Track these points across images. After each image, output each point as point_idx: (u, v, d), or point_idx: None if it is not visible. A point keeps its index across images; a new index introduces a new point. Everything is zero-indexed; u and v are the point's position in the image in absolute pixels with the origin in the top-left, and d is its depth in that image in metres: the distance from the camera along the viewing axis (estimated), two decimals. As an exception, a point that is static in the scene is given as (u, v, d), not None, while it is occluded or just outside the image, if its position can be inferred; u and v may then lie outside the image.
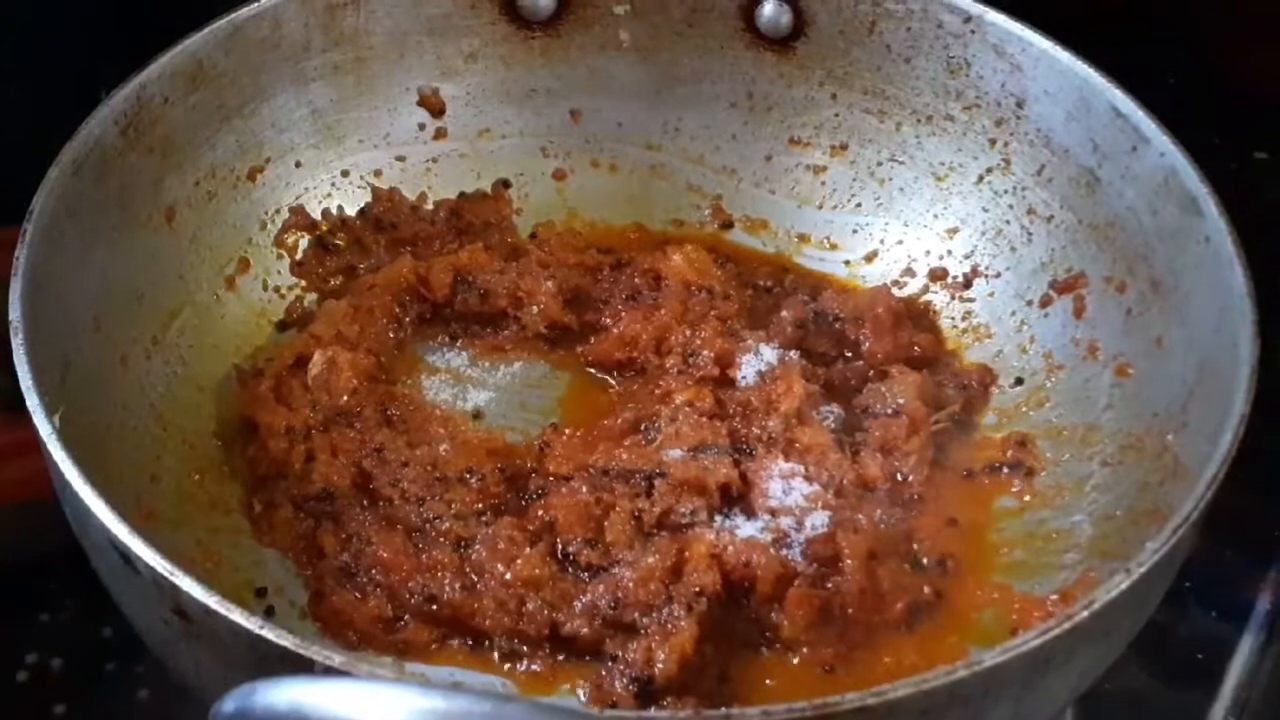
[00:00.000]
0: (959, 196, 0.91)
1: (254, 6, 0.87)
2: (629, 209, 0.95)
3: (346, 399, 0.82)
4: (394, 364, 0.86)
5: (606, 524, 0.77)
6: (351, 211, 0.92)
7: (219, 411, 0.83)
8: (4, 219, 0.78)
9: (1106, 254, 0.84)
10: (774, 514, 0.78)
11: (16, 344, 0.71)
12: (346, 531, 0.77)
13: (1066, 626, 0.63)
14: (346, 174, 0.93)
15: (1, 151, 0.93)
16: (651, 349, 0.86)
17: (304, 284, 0.90)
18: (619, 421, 0.83)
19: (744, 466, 0.80)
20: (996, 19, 0.87)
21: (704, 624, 0.73)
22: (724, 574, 0.75)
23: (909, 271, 0.91)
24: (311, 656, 0.60)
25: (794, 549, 0.76)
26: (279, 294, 0.89)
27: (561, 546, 0.77)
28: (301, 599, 0.76)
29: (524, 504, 0.79)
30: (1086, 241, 0.85)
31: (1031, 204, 0.88)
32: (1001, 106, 0.88)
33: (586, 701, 0.72)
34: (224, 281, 0.88)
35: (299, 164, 0.91)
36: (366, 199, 0.92)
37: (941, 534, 0.79)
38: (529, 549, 0.76)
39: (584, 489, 0.78)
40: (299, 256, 0.90)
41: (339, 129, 0.92)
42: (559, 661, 0.74)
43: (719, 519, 0.78)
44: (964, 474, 0.82)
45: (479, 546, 0.76)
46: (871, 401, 0.83)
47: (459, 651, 0.75)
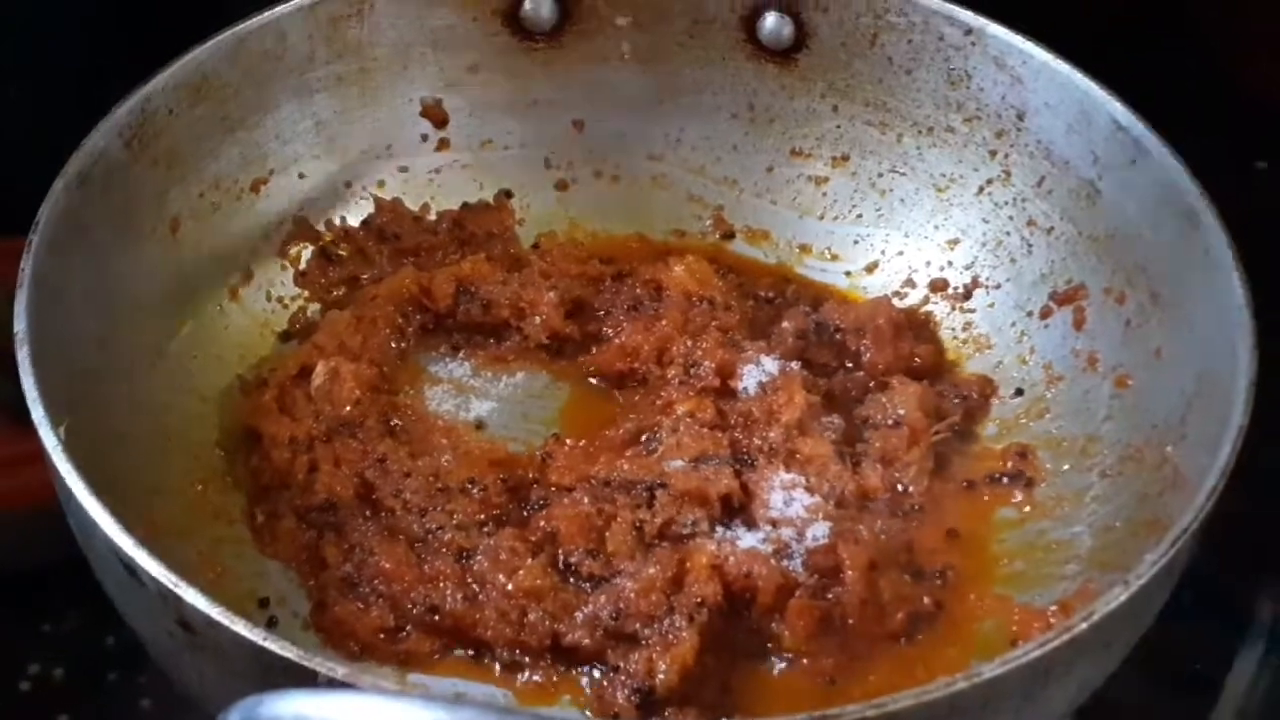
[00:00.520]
0: (959, 208, 0.91)
1: (258, 19, 0.87)
2: (631, 219, 0.96)
3: (349, 409, 0.83)
4: (396, 374, 0.87)
5: (608, 535, 0.77)
6: (355, 222, 0.92)
7: (222, 422, 0.84)
8: (7, 229, 0.78)
9: (1106, 266, 0.84)
10: (775, 525, 0.78)
11: (21, 356, 0.71)
12: (349, 542, 0.78)
13: (1066, 638, 0.63)
14: (350, 185, 0.93)
15: (3, 157, 0.93)
16: (653, 360, 0.86)
17: (307, 294, 0.90)
18: (620, 432, 0.83)
19: (745, 477, 0.80)
20: (997, 31, 0.88)
21: (705, 635, 0.73)
22: (725, 585, 0.75)
23: (910, 282, 0.92)
24: (315, 668, 0.60)
25: (795, 560, 0.77)
26: (282, 304, 0.90)
27: (563, 557, 0.77)
28: (304, 609, 0.77)
29: (526, 515, 0.80)
30: (1086, 253, 0.86)
31: (1032, 215, 0.88)
32: (1002, 118, 0.89)
33: (588, 713, 0.73)
34: (228, 292, 0.88)
35: (302, 175, 0.91)
36: (370, 210, 0.93)
37: (942, 545, 0.79)
38: (530, 560, 0.76)
39: (585, 500, 0.79)
40: (302, 267, 0.91)
41: (342, 140, 0.92)
42: (560, 672, 0.74)
43: (720, 530, 0.78)
44: (964, 485, 0.82)
45: (480, 557, 0.76)
46: (872, 412, 0.84)
47: (460, 662, 0.75)
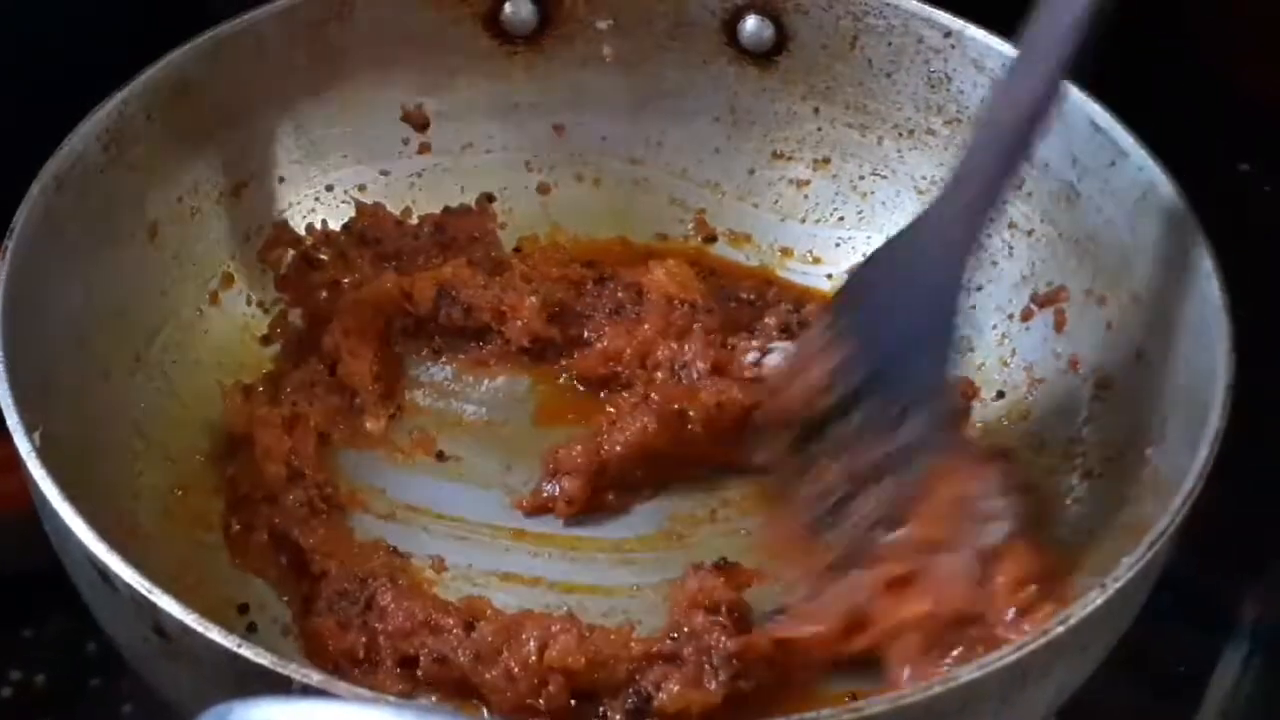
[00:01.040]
0: (940, 210, 0.91)
1: (237, 22, 0.87)
2: (612, 223, 0.95)
3: None
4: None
5: None
6: (335, 226, 0.92)
7: (202, 427, 0.84)
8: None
9: (1087, 268, 0.84)
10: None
11: (-5, 361, 0.71)
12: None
13: (1043, 641, 0.63)
14: (330, 189, 0.93)
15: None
16: (636, 364, 0.86)
17: (288, 299, 0.90)
18: None
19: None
20: (976, 34, 0.88)
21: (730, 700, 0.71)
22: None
23: (891, 285, 0.92)
24: (289, 675, 0.60)
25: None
26: (263, 309, 0.90)
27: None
28: (284, 616, 0.76)
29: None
30: (1067, 255, 0.86)
31: (1012, 218, 0.88)
32: (982, 121, 0.89)
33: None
34: (207, 297, 0.88)
35: (282, 179, 0.91)
36: (350, 214, 0.92)
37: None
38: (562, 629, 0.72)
39: None
40: (283, 271, 0.90)
41: (322, 144, 0.92)
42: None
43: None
44: (947, 488, 0.82)
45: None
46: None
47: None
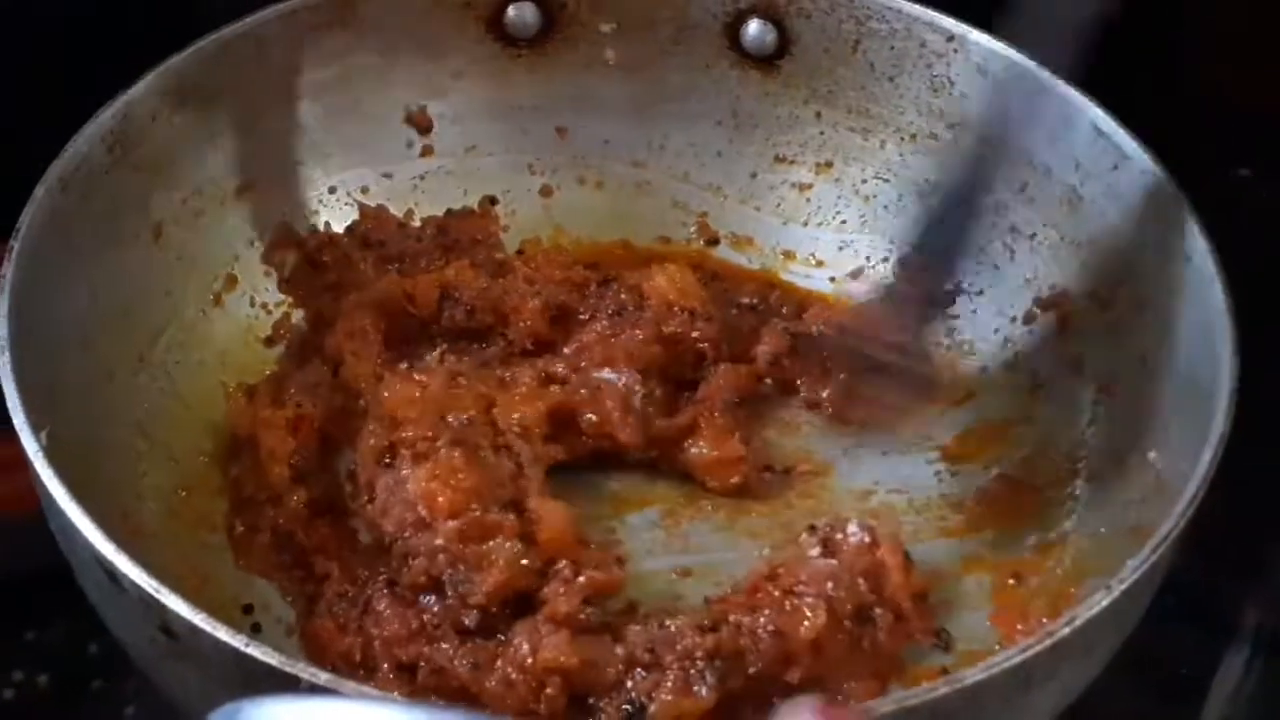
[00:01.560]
0: (943, 214, 0.91)
1: (241, 24, 0.87)
2: (615, 225, 0.96)
3: None
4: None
5: None
6: (339, 229, 0.92)
7: (205, 428, 0.84)
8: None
9: (1089, 271, 0.85)
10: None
11: (2, 362, 0.71)
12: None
13: (1048, 644, 0.64)
14: (333, 191, 0.93)
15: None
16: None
17: (291, 301, 0.90)
18: None
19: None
20: (979, 38, 0.88)
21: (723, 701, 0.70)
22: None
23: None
24: (297, 674, 0.60)
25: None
26: (266, 311, 0.90)
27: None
28: (289, 616, 0.77)
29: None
30: (1069, 259, 0.86)
31: (1014, 222, 0.88)
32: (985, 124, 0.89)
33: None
34: (211, 298, 0.88)
35: (286, 181, 0.91)
36: (354, 216, 0.92)
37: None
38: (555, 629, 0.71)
39: None
40: (286, 273, 0.90)
41: (326, 147, 0.92)
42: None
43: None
44: (952, 491, 0.83)
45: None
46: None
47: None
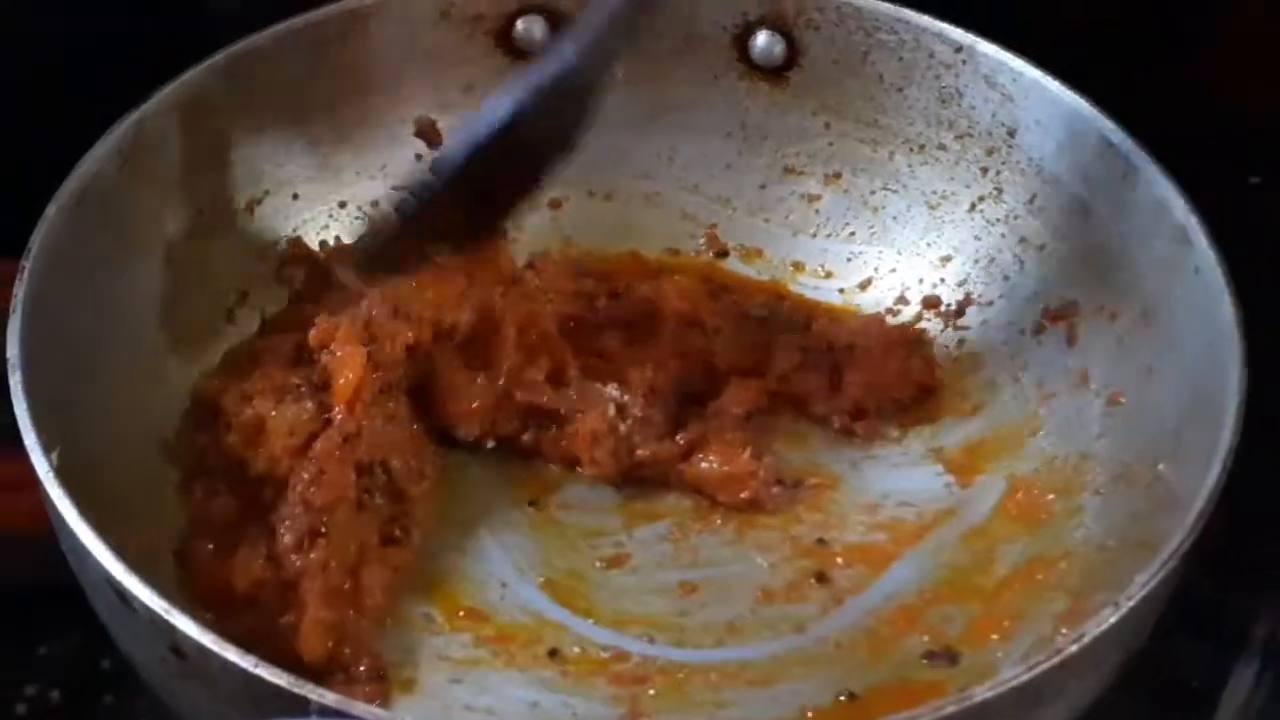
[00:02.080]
0: (952, 225, 0.91)
1: (251, 40, 0.88)
2: (624, 237, 0.96)
3: None
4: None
5: None
6: (349, 242, 0.92)
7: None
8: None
9: (1098, 283, 0.85)
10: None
11: (14, 381, 0.71)
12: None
13: (1056, 660, 0.64)
14: (344, 205, 0.93)
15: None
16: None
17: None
18: None
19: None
20: (988, 49, 0.88)
21: None
22: None
23: (902, 299, 0.92)
24: (306, 695, 0.60)
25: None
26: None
27: None
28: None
29: None
30: (1078, 270, 0.86)
31: (1023, 233, 0.88)
32: (993, 136, 0.89)
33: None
34: (223, 313, 0.88)
35: (296, 196, 0.92)
36: (364, 229, 0.92)
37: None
38: None
39: None
40: (298, 288, 0.91)
41: (336, 160, 0.92)
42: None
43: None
44: (958, 502, 0.83)
45: None
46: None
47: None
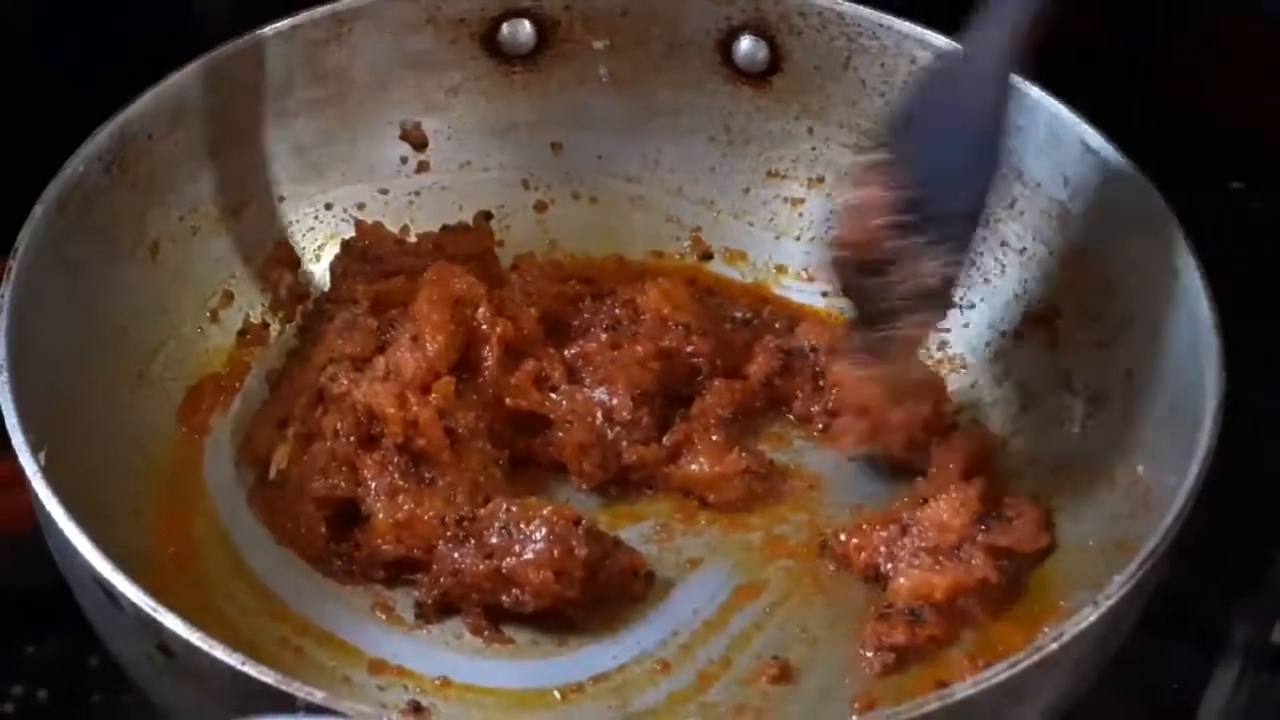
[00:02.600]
0: (934, 229, 0.92)
1: (236, 43, 0.88)
2: (609, 240, 0.96)
3: None
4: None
5: None
6: (335, 244, 0.93)
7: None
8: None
9: (1078, 286, 0.85)
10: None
11: (1, 381, 0.71)
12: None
13: (1036, 658, 0.64)
14: (330, 207, 0.94)
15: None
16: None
17: (284, 317, 0.91)
18: None
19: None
20: (968, 55, 0.89)
21: None
22: None
23: (885, 302, 0.92)
24: (293, 693, 0.61)
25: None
26: (263, 327, 0.90)
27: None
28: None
29: None
30: (1059, 273, 0.86)
31: (1004, 236, 0.89)
32: (974, 140, 0.90)
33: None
34: (208, 315, 0.88)
35: (282, 198, 0.92)
36: (350, 232, 0.93)
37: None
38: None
39: None
40: (282, 291, 0.91)
41: (321, 163, 0.93)
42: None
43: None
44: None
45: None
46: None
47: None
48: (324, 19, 0.90)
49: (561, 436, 0.84)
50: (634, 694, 0.76)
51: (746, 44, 0.93)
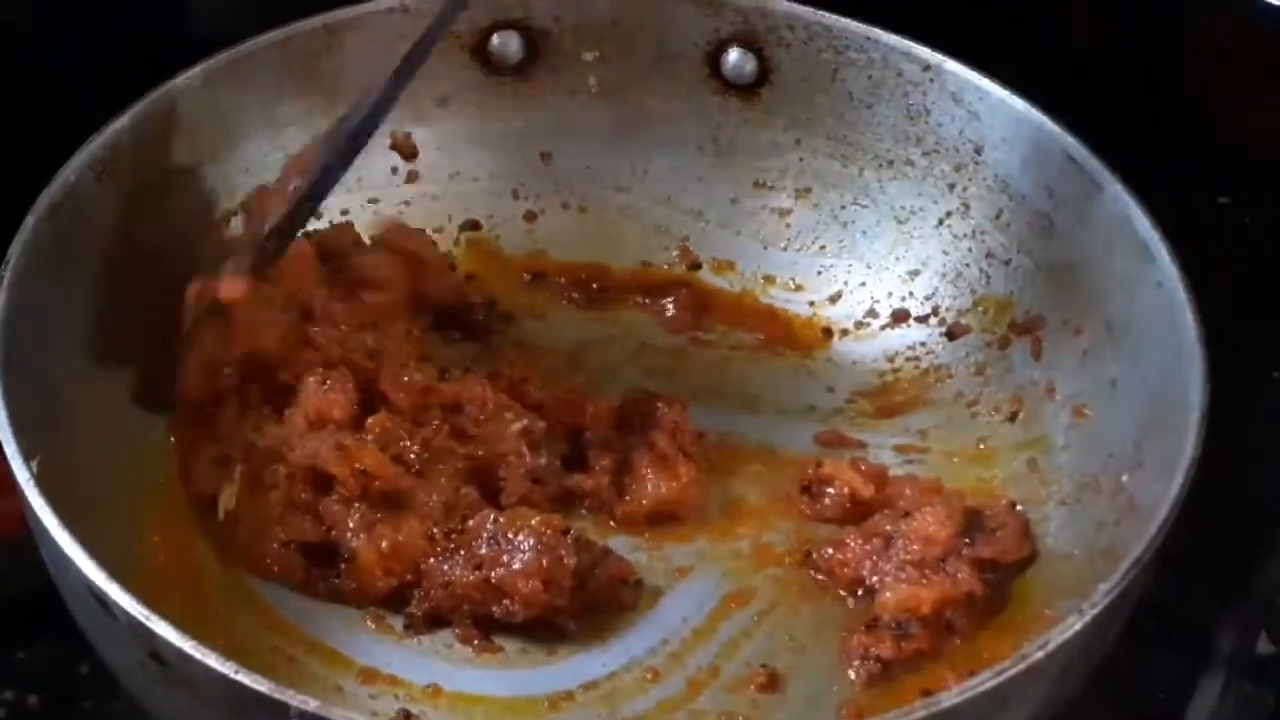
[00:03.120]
0: (920, 239, 0.93)
1: (228, 53, 0.88)
2: (598, 250, 0.97)
3: None
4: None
5: None
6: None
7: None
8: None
9: (1063, 297, 0.86)
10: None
11: (-7, 390, 0.72)
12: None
13: (1022, 666, 0.65)
14: (319, 217, 0.94)
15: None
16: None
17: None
18: None
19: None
20: (954, 68, 0.89)
21: None
22: None
23: (872, 313, 0.93)
24: (286, 701, 0.61)
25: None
26: (252, 335, 0.91)
27: None
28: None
29: None
30: (1044, 285, 0.87)
31: (990, 247, 0.90)
32: (960, 152, 0.90)
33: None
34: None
35: (272, 207, 0.92)
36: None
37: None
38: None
39: None
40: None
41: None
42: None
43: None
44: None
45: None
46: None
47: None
48: (316, 29, 0.91)
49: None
50: (623, 702, 0.76)
51: (735, 56, 0.94)
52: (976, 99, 0.89)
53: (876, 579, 0.78)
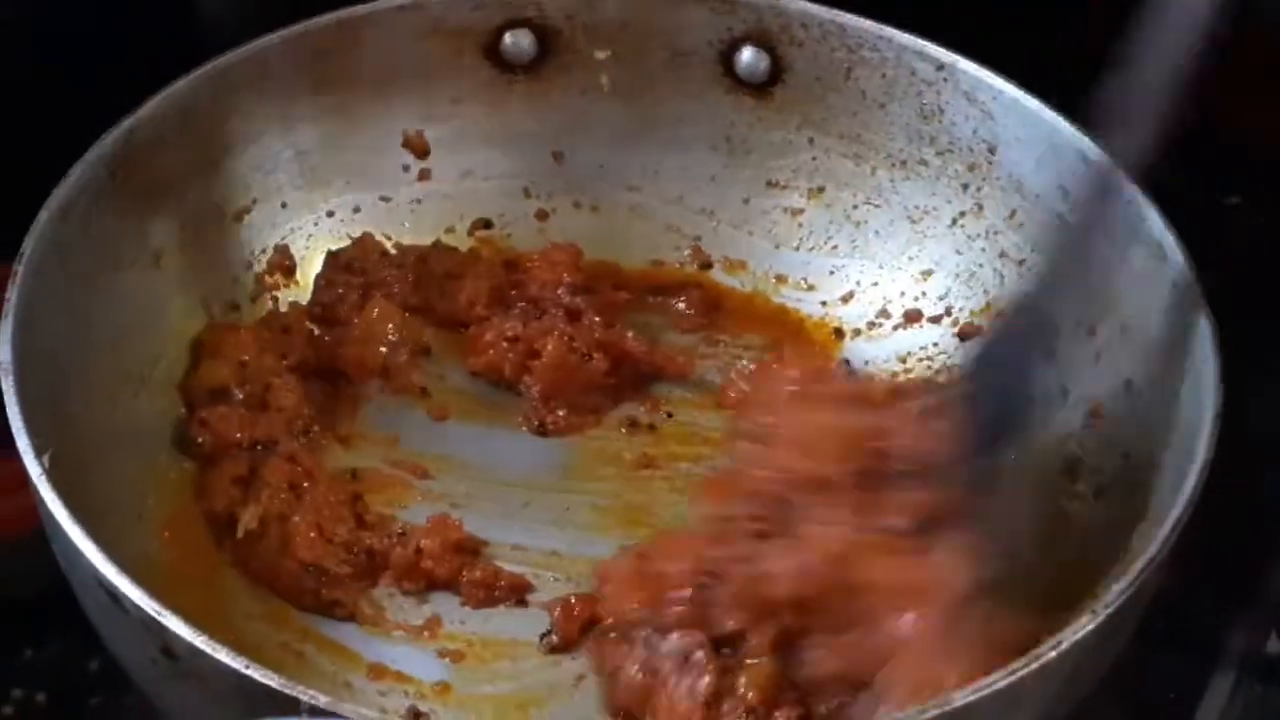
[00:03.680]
0: (933, 239, 0.92)
1: (241, 51, 0.88)
2: (610, 249, 0.96)
3: None
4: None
5: None
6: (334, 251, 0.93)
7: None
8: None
9: (1077, 297, 0.85)
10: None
11: (6, 385, 0.71)
12: None
13: (1034, 666, 0.65)
14: (331, 215, 0.94)
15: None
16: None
17: (287, 322, 0.91)
18: None
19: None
20: (968, 67, 0.89)
21: None
22: None
23: (884, 313, 0.93)
24: (297, 696, 0.61)
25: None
26: (264, 332, 0.91)
27: None
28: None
29: None
30: (1057, 285, 0.87)
31: (1003, 247, 0.90)
32: (974, 152, 0.90)
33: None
34: (209, 320, 0.88)
35: (284, 205, 0.92)
36: (348, 241, 0.93)
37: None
38: None
39: None
40: (281, 299, 0.91)
41: (324, 171, 0.93)
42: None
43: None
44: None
45: None
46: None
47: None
48: (328, 27, 0.91)
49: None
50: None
51: (748, 55, 0.94)
52: (990, 98, 0.88)
53: None
